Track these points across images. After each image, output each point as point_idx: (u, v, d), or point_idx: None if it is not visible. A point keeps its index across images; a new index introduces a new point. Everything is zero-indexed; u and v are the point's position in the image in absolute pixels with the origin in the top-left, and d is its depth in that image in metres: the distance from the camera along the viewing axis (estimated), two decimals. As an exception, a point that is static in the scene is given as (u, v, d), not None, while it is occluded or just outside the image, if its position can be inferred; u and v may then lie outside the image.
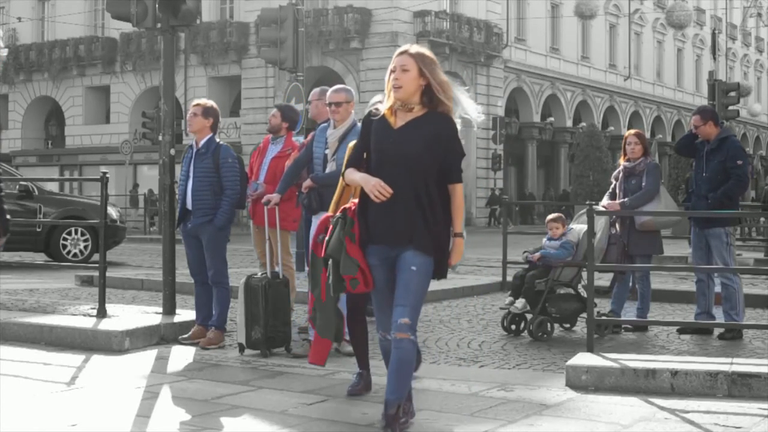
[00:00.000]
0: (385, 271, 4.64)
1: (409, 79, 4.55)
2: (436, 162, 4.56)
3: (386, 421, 4.51)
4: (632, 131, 8.89)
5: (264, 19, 17.80)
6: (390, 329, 4.59)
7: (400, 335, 4.49)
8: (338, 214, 4.80)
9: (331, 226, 4.85)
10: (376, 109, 4.73)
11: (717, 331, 8.22)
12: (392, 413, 4.51)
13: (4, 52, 5.20)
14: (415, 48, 4.64)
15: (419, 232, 4.53)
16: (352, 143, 5.66)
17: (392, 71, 4.59)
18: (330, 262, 4.70)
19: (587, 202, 7.79)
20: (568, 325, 8.59)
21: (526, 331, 8.24)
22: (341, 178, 5.44)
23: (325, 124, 7.25)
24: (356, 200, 4.79)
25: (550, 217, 8.77)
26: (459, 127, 4.67)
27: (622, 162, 8.73)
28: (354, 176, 4.68)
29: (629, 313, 8.86)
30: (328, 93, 7.12)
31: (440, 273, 4.70)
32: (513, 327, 8.35)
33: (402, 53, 4.61)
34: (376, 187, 4.47)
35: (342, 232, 4.66)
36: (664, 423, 5.15)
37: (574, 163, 43.70)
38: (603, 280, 9.21)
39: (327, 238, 4.76)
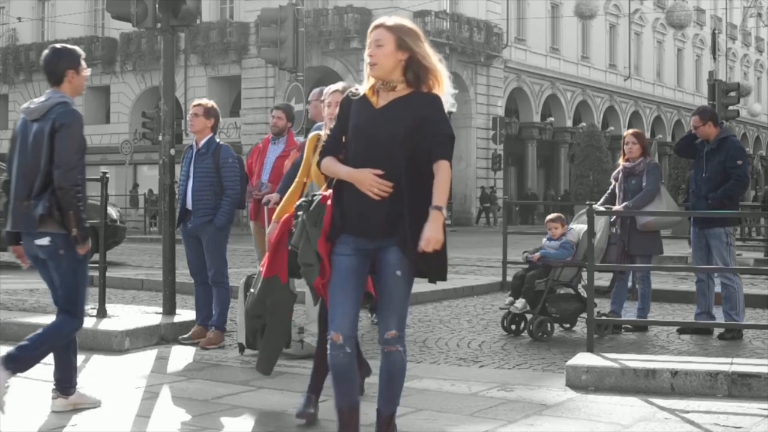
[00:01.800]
0: (357, 261, 4.10)
1: (384, 55, 4.03)
2: (422, 145, 4.03)
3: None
4: (630, 131, 8.88)
5: (264, 19, 17.82)
6: (344, 330, 4.05)
7: (388, 348, 4.12)
8: (302, 200, 4.33)
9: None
10: (356, 88, 4.25)
11: (717, 331, 8.22)
12: (386, 419, 4.27)
13: (88, 72, 5.31)
14: (392, 20, 4.11)
15: (404, 225, 3.98)
16: (313, 134, 5.46)
17: (368, 47, 4.11)
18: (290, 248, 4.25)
19: (587, 203, 7.79)
20: (568, 325, 8.59)
21: (526, 332, 8.24)
22: (299, 175, 5.30)
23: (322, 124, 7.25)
24: (327, 192, 4.26)
25: (549, 217, 8.77)
26: (448, 107, 4.17)
27: (621, 162, 8.73)
28: (337, 169, 4.10)
29: (629, 313, 8.86)
30: (324, 91, 7.13)
31: (436, 273, 4.13)
32: (513, 327, 8.35)
33: (377, 27, 4.10)
34: (374, 184, 3.96)
35: (306, 219, 4.16)
36: (664, 423, 5.15)
37: (574, 163, 43.72)
38: (603, 280, 9.21)
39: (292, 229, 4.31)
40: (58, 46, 5.34)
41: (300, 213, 4.24)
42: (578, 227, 8.53)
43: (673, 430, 5.03)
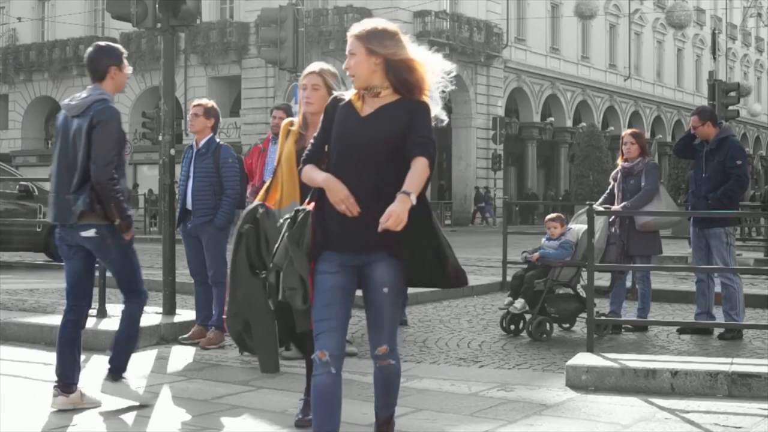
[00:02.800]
0: (343, 277, 3.87)
1: (357, 64, 3.84)
2: (404, 153, 3.80)
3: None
4: (629, 131, 8.88)
5: (264, 19, 17.82)
6: (330, 349, 3.81)
7: (381, 363, 4.03)
8: (287, 217, 4.05)
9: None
10: (341, 94, 4.05)
11: (717, 331, 8.22)
12: (385, 420, 4.24)
13: (129, 69, 5.57)
14: (360, 26, 3.89)
15: (389, 236, 3.70)
16: (286, 121, 5.13)
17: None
18: (274, 268, 4.02)
19: (587, 203, 7.79)
20: (567, 325, 8.59)
21: (525, 332, 8.24)
22: (273, 176, 4.94)
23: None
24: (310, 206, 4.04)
25: (549, 216, 8.77)
26: (439, 116, 3.96)
27: (620, 162, 8.73)
28: (315, 176, 3.84)
29: (629, 313, 8.86)
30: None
31: (445, 280, 3.99)
32: (512, 327, 8.35)
33: (349, 37, 3.91)
34: (344, 199, 3.70)
35: (288, 240, 3.92)
36: (664, 423, 5.15)
37: (574, 163, 43.74)
38: (602, 280, 9.21)
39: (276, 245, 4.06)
40: (101, 43, 5.59)
41: (283, 231, 4.00)
42: (577, 227, 8.53)
43: (673, 430, 5.03)
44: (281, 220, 4.08)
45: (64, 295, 5.53)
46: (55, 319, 7.95)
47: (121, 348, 5.48)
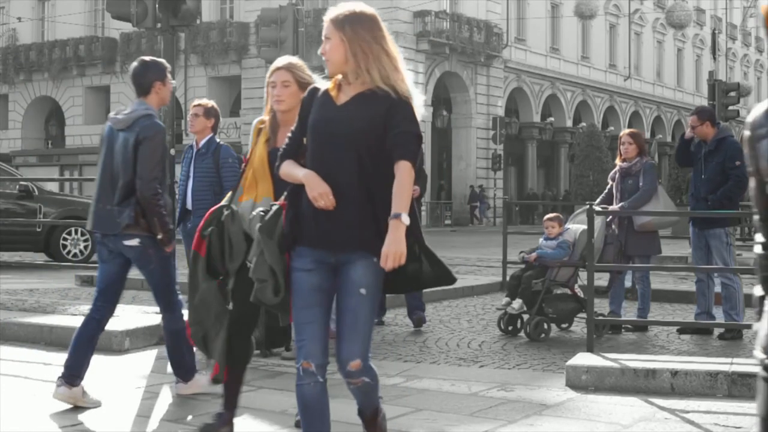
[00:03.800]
0: (319, 276, 3.62)
1: (331, 49, 3.61)
2: (383, 145, 3.57)
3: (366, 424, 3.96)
4: (626, 131, 8.88)
5: (264, 19, 17.83)
6: (315, 357, 3.59)
7: (353, 382, 3.63)
8: (260, 210, 3.85)
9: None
10: (319, 84, 3.84)
11: (717, 331, 8.23)
12: (370, 417, 3.93)
13: (173, 83, 5.72)
14: (337, 9, 3.66)
15: (369, 234, 3.53)
16: (256, 120, 4.86)
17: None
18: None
19: (587, 203, 7.79)
20: (565, 325, 8.59)
21: (522, 332, 8.24)
22: (245, 171, 4.67)
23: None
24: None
25: (546, 216, 8.77)
26: (419, 109, 3.66)
27: (618, 162, 8.72)
28: (295, 172, 3.64)
29: (629, 313, 8.86)
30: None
31: (431, 279, 3.78)
32: (510, 328, 8.34)
33: (325, 20, 3.67)
34: (322, 196, 3.49)
35: (260, 231, 3.71)
36: (664, 423, 5.15)
37: (574, 163, 43.75)
38: (601, 280, 9.21)
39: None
40: (146, 58, 5.77)
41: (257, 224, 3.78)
42: (574, 227, 8.53)
43: (673, 430, 5.03)
44: (254, 213, 3.85)
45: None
46: (55, 319, 7.97)
47: (176, 362, 5.73)
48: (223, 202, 4.63)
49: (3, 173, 15.35)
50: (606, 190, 8.85)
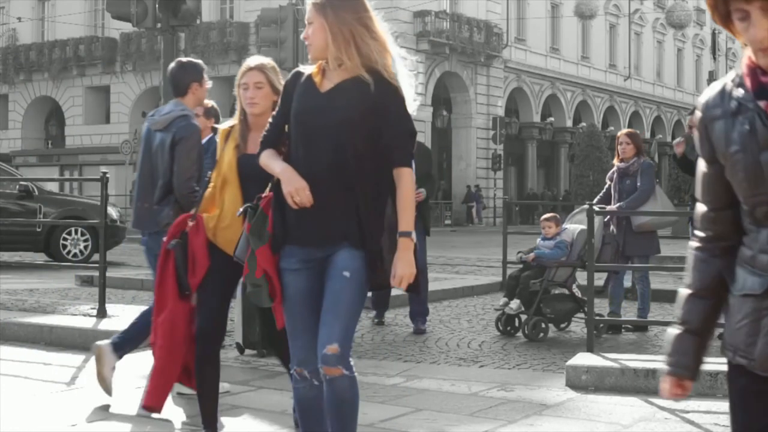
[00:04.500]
0: (307, 278, 3.49)
1: (313, 32, 3.44)
2: (372, 137, 3.42)
3: None
4: (624, 131, 8.87)
5: (264, 19, 17.82)
6: (309, 364, 3.46)
7: (329, 371, 3.34)
8: (247, 205, 3.65)
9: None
10: (304, 67, 3.64)
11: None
12: None
13: (209, 84, 5.82)
14: None
15: (353, 225, 3.41)
16: (223, 125, 4.57)
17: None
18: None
19: (586, 203, 7.79)
20: (563, 326, 8.59)
21: (520, 332, 8.23)
22: (214, 178, 4.46)
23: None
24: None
25: (543, 216, 8.77)
26: (410, 99, 3.49)
27: (616, 163, 8.72)
28: (272, 165, 3.50)
29: (629, 313, 8.86)
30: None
31: (377, 281, 3.49)
32: (509, 329, 8.33)
33: (308, 3, 3.52)
34: (298, 192, 3.35)
35: (252, 229, 3.54)
36: (664, 423, 5.15)
37: (574, 163, 43.76)
38: (600, 280, 9.21)
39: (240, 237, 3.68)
40: (183, 60, 5.85)
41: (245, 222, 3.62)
42: (572, 227, 8.53)
43: (673, 430, 5.03)
44: (241, 209, 3.65)
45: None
46: (55, 319, 7.97)
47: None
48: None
49: (3, 173, 15.36)
50: (603, 190, 8.85)
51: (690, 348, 2.48)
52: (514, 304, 8.21)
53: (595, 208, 8.13)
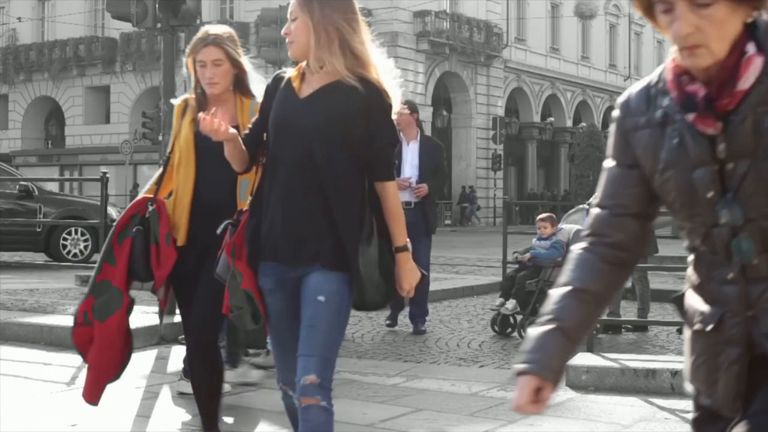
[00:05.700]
0: (282, 299, 3.26)
1: (295, 29, 3.18)
2: (352, 146, 3.18)
3: None
4: None
5: (264, 19, 17.84)
6: (292, 385, 3.24)
7: (305, 401, 3.10)
8: (228, 222, 3.41)
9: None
10: (285, 71, 3.38)
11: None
12: None
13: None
14: None
15: (328, 244, 3.15)
16: (179, 99, 4.38)
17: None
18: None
19: (587, 203, 7.79)
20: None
21: (516, 332, 8.21)
22: (166, 164, 4.31)
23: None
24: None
25: (539, 216, 8.77)
26: (395, 103, 3.24)
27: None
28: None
29: (629, 313, 8.86)
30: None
31: (365, 303, 3.28)
32: (507, 330, 8.31)
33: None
34: (211, 120, 3.17)
35: (232, 251, 3.31)
36: (664, 423, 5.15)
37: (574, 163, 43.75)
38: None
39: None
40: None
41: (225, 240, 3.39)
42: (568, 227, 8.54)
43: (673, 430, 5.03)
44: (222, 226, 3.38)
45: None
46: (55, 319, 7.97)
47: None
48: (145, 194, 4.21)
49: (3, 173, 15.35)
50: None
51: (557, 349, 1.99)
52: (510, 304, 8.21)
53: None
